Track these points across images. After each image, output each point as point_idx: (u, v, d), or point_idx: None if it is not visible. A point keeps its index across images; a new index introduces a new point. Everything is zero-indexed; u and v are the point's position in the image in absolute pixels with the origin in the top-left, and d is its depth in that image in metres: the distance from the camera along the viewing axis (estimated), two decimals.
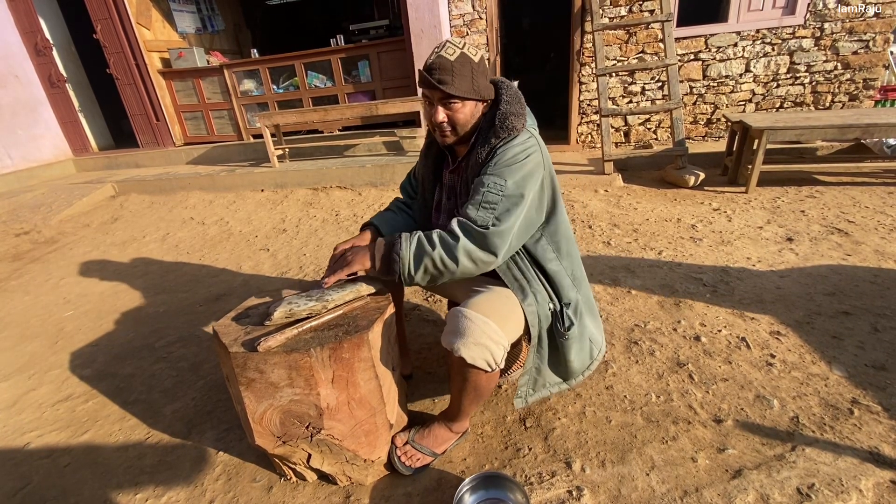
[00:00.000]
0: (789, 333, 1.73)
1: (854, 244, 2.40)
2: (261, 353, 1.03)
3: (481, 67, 1.16)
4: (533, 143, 1.16)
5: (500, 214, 1.10)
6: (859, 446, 1.23)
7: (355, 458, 1.18)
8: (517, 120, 1.16)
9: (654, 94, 4.52)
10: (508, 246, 1.13)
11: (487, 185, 1.11)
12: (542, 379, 1.27)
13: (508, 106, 1.16)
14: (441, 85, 1.11)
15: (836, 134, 3.05)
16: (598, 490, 1.18)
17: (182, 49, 5.33)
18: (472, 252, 1.10)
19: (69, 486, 1.36)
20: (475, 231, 1.09)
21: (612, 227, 2.92)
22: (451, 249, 1.09)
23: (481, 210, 1.10)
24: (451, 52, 1.12)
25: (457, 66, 1.11)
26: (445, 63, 1.11)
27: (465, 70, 1.12)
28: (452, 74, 1.11)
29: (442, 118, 1.17)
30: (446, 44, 1.14)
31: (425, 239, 1.12)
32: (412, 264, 1.11)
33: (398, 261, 1.12)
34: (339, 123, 5.25)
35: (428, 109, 1.20)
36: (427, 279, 1.14)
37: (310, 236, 3.29)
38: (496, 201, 1.10)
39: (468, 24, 4.57)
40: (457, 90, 1.12)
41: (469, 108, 1.17)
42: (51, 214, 4.18)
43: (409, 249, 1.12)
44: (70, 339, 2.21)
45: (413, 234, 1.15)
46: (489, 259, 1.12)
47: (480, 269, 1.14)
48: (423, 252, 1.11)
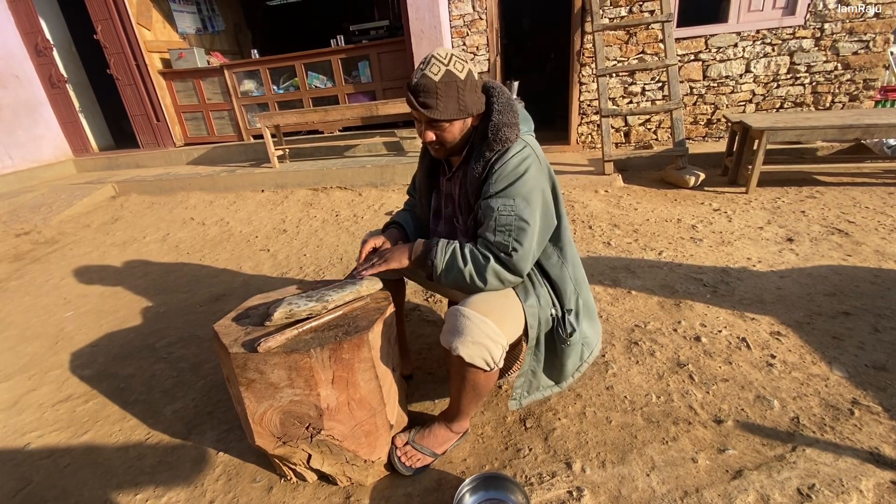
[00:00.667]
0: (789, 334, 1.73)
1: (854, 244, 2.40)
2: (261, 353, 1.03)
3: (469, 84, 1.12)
4: (529, 153, 1.15)
5: (518, 236, 1.12)
6: (860, 447, 1.23)
7: (355, 458, 1.18)
8: (510, 131, 1.14)
9: (654, 94, 4.52)
10: (532, 260, 1.17)
11: (497, 209, 1.12)
12: (537, 381, 1.28)
13: (500, 116, 1.14)
14: (425, 109, 1.10)
15: (837, 134, 3.05)
16: (599, 490, 1.18)
17: (182, 49, 5.34)
18: (501, 274, 1.14)
19: (69, 487, 1.36)
20: (503, 257, 1.13)
21: (613, 228, 2.92)
22: (481, 270, 1.13)
23: (498, 234, 1.12)
24: (434, 72, 1.08)
25: (441, 87, 1.08)
26: (429, 85, 1.08)
27: (450, 91, 1.09)
28: (437, 97, 1.09)
29: (431, 138, 1.17)
30: (431, 60, 1.10)
31: (459, 252, 1.16)
32: (444, 274, 1.16)
33: (431, 267, 1.17)
34: (340, 124, 5.25)
35: (417, 126, 1.20)
36: (451, 286, 1.20)
37: (310, 237, 3.29)
38: (510, 223, 1.12)
39: (468, 24, 4.57)
40: (441, 114, 1.10)
41: (458, 126, 1.16)
42: (51, 215, 4.18)
43: (442, 259, 1.16)
44: (70, 340, 2.21)
45: (449, 244, 1.18)
46: (516, 280, 1.17)
47: (506, 287, 1.18)
48: (454, 264, 1.15)
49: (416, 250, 1.22)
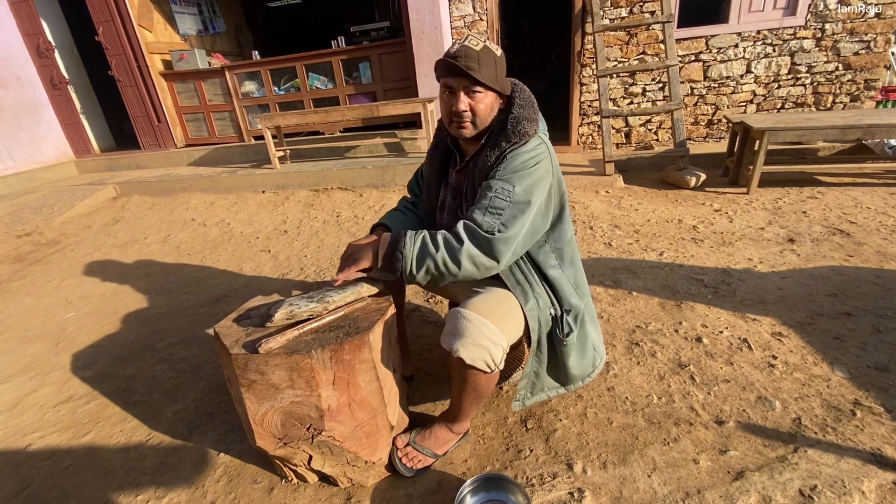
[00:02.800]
0: (791, 334, 1.73)
1: (856, 245, 2.39)
2: (262, 354, 1.03)
3: (502, 62, 1.16)
4: (543, 150, 1.15)
5: (507, 221, 1.09)
6: (862, 448, 1.22)
7: (356, 459, 1.18)
8: (530, 126, 1.14)
9: (654, 95, 4.51)
10: (512, 252, 1.13)
11: (495, 190, 1.11)
12: (541, 383, 1.28)
13: (521, 110, 1.15)
14: (469, 70, 1.10)
15: (838, 135, 3.04)
16: (600, 492, 1.18)
17: (183, 51, 5.35)
18: (476, 257, 1.10)
19: (70, 488, 1.36)
20: (480, 236, 1.09)
21: (614, 229, 2.92)
22: (454, 253, 1.10)
23: (487, 215, 1.10)
24: (475, 44, 1.12)
25: (482, 55, 1.11)
26: (471, 52, 1.11)
27: (489, 60, 1.12)
28: (479, 62, 1.10)
29: (464, 107, 1.15)
30: (468, 36, 1.14)
31: (430, 239, 1.12)
32: (415, 264, 1.12)
33: (401, 259, 1.13)
34: (340, 125, 5.26)
35: (448, 99, 1.18)
36: (428, 279, 1.15)
37: (311, 237, 3.29)
38: (503, 207, 1.10)
39: (469, 25, 4.58)
40: (483, 77, 1.11)
41: (490, 100, 1.17)
42: (52, 216, 4.19)
43: (412, 249, 1.12)
44: (71, 341, 2.21)
45: (418, 233, 1.15)
46: (491, 265, 1.12)
47: (482, 273, 1.14)
48: (426, 252, 1.11)
49: (382, 245, 1.17)
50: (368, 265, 1.20)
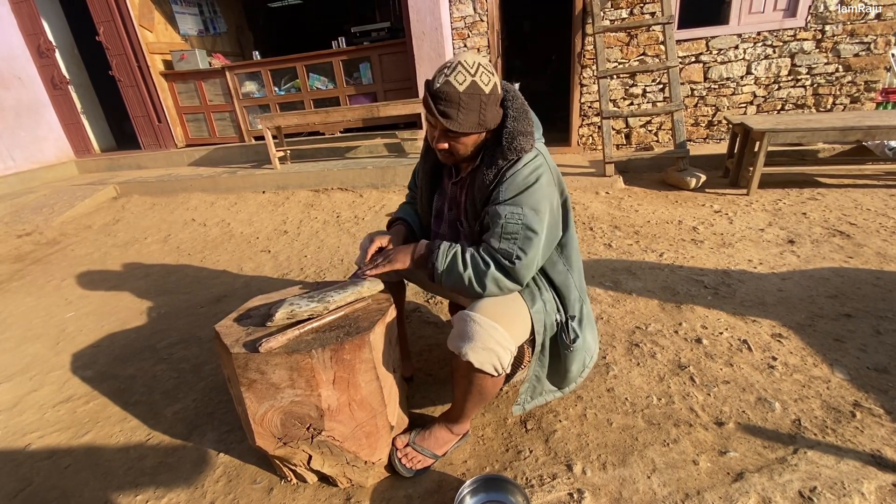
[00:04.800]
0: (791, 336, 1.73)
1: (856, 246, 2.39)
2: (262, 354, 1.03)
3: (492, 98, 1.08)
4: (542, 163, 1.13)
5: (523, 245, 1.11)
6: (861, 449, 1.22)
7: (356, 459, 1.18)
8: (525, 141, 1.11)
9: (655, 96, 4.52)
10: (534, 270, 1.16)
11: (505, 217, 1.10)
12: (541, 387, 1.29)
13: (516, 123, 1.11)
14: (444, 119, 1.05)
15: (838, 136, 3.05)
16: (599, 493, 1.18)
17: (184, 51, 5.35)
18: (500, 281, 1.13)
19: (70, 488, 1.36)
20: (504, 263, 1.12)
21: (614, 229, 2.92)
22: (481, 275, 1.13)
23: (503, 242, 1.12)
24: (460, 81, 1.03)
25: (464, 98, 1.04)
26: (453, 94, 1.03)
27: (472, 104, 1.05)
28: (459, 108, 1.04)
29: (443, 147, 1.14)
30: (457, 67, 1.04)
31: (460, 257, 1.15)
32: (444, 276, 1.16)
33: (433, 269, 1.17)
34: (341, 125, 5.26)
35: (430, 130, 1.17)
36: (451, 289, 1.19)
37: (311, 238, 3.29)
38: (516, 231, 1.10)
39: (469, 26, 4.58)
40: (461, 126, 1.06)
41: (473, 139, 1.13)
42: (53, 216, 4.19)
43: (443, 262, 1.16)
44: (71, 341, 2.21)
45: (451, 247, 1.17)
46: (515, 287, 1.16)
47: (504, 294, 1.17)
48: (454, 268, 1.15)
49: (418, 251, 1.22)
50: (404, 268, 1.24)
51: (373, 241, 1.31)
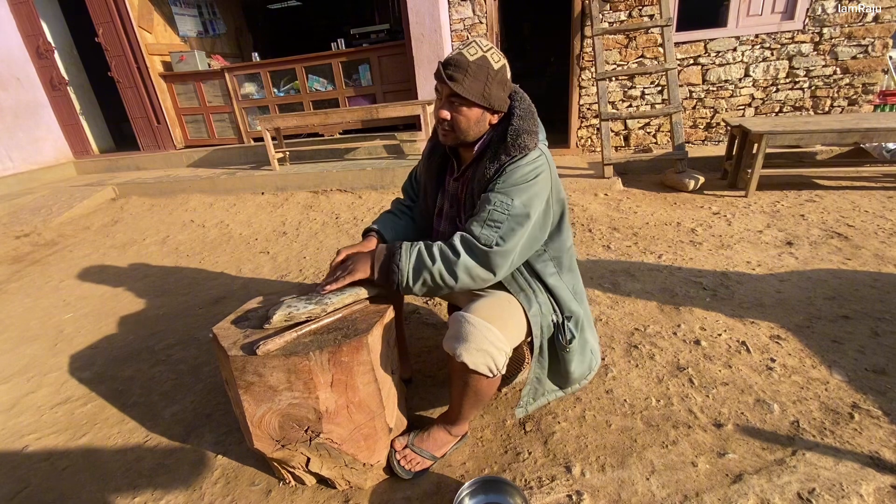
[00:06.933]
0: (789, 337, 1.73)
1: (854, 248, 2.40)
2: (260, 356, 1.03)
3: (499, 76, 1.11)
4: (543, 163, 1.14)
5: (505, 234, 1.09)
6: (860, 451, 1.22)
7: (354, 461, 1.18)
8: (530, 139, 1.12)
9: (653, 98, 4.53)
10: (510, 265, 1.14)
11: (494, 204, 1.10)
12: (542, 388, 1.28)
13: (521, 122, 1.13)
14: (450, 81, 1.08)
15: (836, 138, 3.06)
16: (598, 494, 1.17)
17: (183, 52, 5.35)
18: (472, 269, 1.10)
19: (67, 490, 1.35)
20: (478, 249, 1.10)
21: (612, 231, 2.92)
22: (451, 266, 1.10)
23: (486, 228, 1.10)
24: (472, 52, 1.09)
25: (473, 67, 1.08)
26: (463, 61, 1.08)
27: (480, 73, 1.08)
28: (466, 73, 1.07)
29: (445, 115, 1.14)
30: (472, 43, 1.10)
31: (426, 252, 1.12)
32: (411, 276, 1.12)
33: (397, 272, 1.13)
34: (340, 127, 5.26)
35: (436, 103, 1.18)
36: (424, 291, 1.16)
37: (310, 239, 3.29)
38: (501, 220, 1.09)
39: (468, 28, 4.59)
40: (464, 91, 1.08)
41: (474, 115, 1.14)
42: (51, 217, 4.19)
43: (408, 261, 1.12)
44: (69, 342, 2.20)
45: (414, 245, 1.15)
46: (488, 276, 1.13)
47: (479, 285, 1.15)
48: (422, 265, 1.11)
49: (378, 257, 1.17)
50: (365, 276, 1.20)
51: (339, 254, 1.28)
